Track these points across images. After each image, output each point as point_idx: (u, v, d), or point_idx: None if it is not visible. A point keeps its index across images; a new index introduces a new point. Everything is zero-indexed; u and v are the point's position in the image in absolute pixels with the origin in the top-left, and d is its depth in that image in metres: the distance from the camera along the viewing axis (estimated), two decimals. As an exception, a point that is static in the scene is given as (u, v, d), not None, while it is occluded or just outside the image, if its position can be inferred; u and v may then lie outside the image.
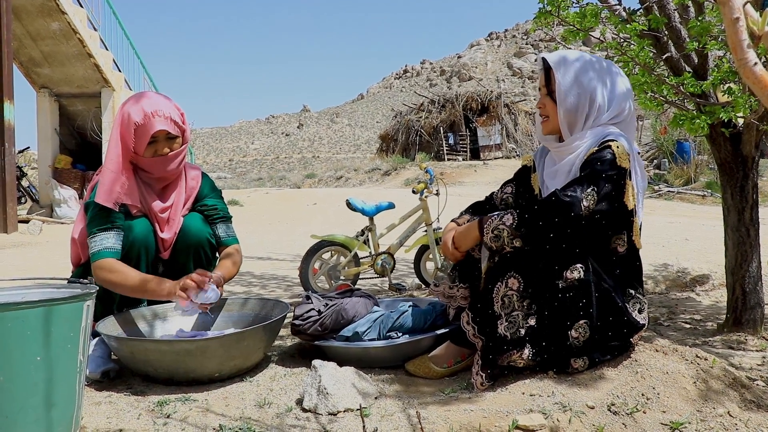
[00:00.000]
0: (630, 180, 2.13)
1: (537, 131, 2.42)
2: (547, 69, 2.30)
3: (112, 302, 2.55)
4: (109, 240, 2.43)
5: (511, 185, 2.55)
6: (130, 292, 2.42)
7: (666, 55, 2.85)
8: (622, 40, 3.04)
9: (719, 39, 2.65)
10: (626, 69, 2.95)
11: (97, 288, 1.90)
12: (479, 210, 2.52)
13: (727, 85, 2.63)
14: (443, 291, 2.46)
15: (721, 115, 2.59)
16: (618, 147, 2.12)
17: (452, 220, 2.48)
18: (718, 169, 3.00)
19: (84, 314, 1.78)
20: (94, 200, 2.45)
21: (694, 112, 2.76)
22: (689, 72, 2.79)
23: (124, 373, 2.37)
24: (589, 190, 2.04)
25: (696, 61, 2.85)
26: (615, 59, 3.06)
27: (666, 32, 2.85)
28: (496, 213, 2.16)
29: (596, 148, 2.14)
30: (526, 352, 2.09)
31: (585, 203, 2.02)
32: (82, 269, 2.60)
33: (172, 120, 2.49)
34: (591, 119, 2.23)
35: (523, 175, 2.53)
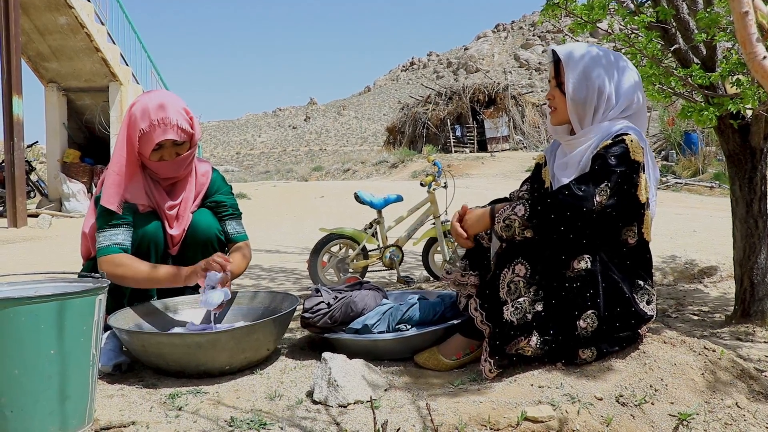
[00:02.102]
0: (643, 173, 2.13)
1: (547, 123, 2.42)
2: (556, 61, 2.31)
3: (123, 296, 2.56)
4: (117, 236, 2.44)
5: (527, 183, 2.56)
6: (142, 282, 2.43)
7: (674, 47, 2.85)
8: (629, 32, 3.03)
9: (728, 30, 2.64)
10: (634, 61, 2.95)
11: (109, 282, 1.92)
12: None
13: (736, 76, 2.62)
14: (455, 278, 2.47)
15: (729, 107, 2.58)
16: (632, 141, 2.12)
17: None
18: (727, 161, 3.00)
19: (96, 308, 1.80)
20: (101, 200, 2.46)
21: (703, 103, 2.75)
22: (697, 63, 2.78)
23: (135, 366, 2.39)
24: (602, 185, 2.04)
25: (704, 52, 2.85)
26: (623, 51, 3.05)
27: (674, 24, 2.84)
28: (509, 203, 2.16)
29: (609, 141, 2.14)
30: (534, 339, 2.10)
31: (597, 198, 2.03)
32: (93, 263, 2.61)
33: (179, 127, 2.44)
34: (600, 112, 2.23)
35: (536, 172, 2.54)
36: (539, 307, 2.11)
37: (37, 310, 1.66)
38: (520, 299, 2.11)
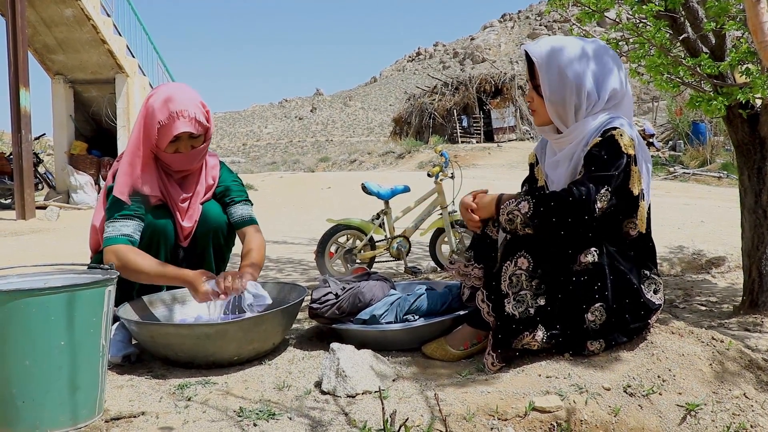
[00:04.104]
0: (635, 165, 2.11)
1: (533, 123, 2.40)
2: (530, 62, 2.25)
3: (132, 288, 2.57)
4: (127, 228, 2.44)
5: (526, 184, 2.54)
6: (144, 278, 2.41)
7: (683, 36, 2.83)
8: (638, 21, 3.01)
9: (737, 19, 2.62)
10: (642, 50, 2.93)
11: (118, 273, 1.93)
12: None
13: (745, 65, 2.60)
14: (459, 268, 2.46)
15: (738, 97, 2.57)
16: (621, 135, 2.09)
17: None
18: (735, 151, 2.98)
19: (105, 299, 1.81)
20: (113, 190, 2.46)
21: (711, 93, 2.74)
22: (706, 53, 2.77)
23: (144, 356, 2.41)
24: (603, 190, 2.02)
25: (713, 41, 2.83)
26: (631, 40, 3.04)
27: (683, 12, 2.82)
28: (515, 197, 2.15)
29: (599, 138, 2.11)
30: (540, 334, 2.10)
31: (599, 204, 2.01)
32: (102, 255, 2.62)
33: (197, 120, 2.45)
34: (583, 109, 2.18)
35: (531, 172, 2.53)
36: (542, 301, 2.11)
37: (47, 301, 1.67)
38: (522, 292, 2.11)
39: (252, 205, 2.78)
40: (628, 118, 2.23)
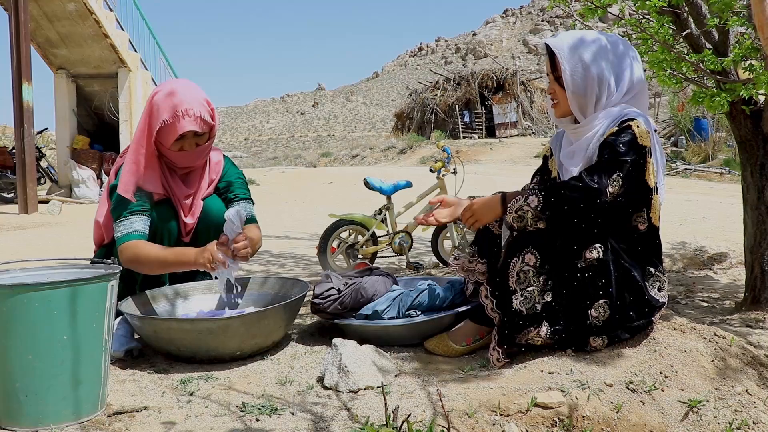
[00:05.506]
0: (650, 157, 2.12)
1: (551, 115, 2.41)
2: (551, 55, 2.28)
3: (135, 282, 2.58)
4: (137, 224, 2.44)
5: (537, 176, 2.55)
6: (156, 266, 2.42)
7: (686, 32, 2.82)
8: (641, 17, 3.00)
9: (741, 15, 2.62)
10: (645, 46, 2.92)
11: (121, 268, 1.93)
12: None
13: (749, 61, 2.60)
14: (462, 264, 2.47)
15: (741, 93, 2.56)
16: (638, 126, 2.11)
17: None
18: (738, 147, 2.98)
19: (108, 294, 1.81)
20: (117, 189, 2.46)
21: (714, 89, 2.73)
22: (709, 49, 2.76)
23: (146, 351, 2.41)
24: (614, 176, 2.04)
25: (716, 37, 2.82)
26: (634, 36, 3.03)
27: (686, 8, 2.81)
28: (521, 193, 2.15)
29: (616, 128, 2.13)
30: (544, 329, 2.10)
31: (610, 189, 2.03)
32: (105, 250, 2.63)
33: (202, 119, 2.44)
34: (603, 100, 2.21)
35: (544, 165, 2.53)
36: (548, 297, 2.11)
37: (49, 296, 1.68)
38: (529, 289, 2.11)
39: (253, 204, 2.78)
40: (645, 110, 2.26)
